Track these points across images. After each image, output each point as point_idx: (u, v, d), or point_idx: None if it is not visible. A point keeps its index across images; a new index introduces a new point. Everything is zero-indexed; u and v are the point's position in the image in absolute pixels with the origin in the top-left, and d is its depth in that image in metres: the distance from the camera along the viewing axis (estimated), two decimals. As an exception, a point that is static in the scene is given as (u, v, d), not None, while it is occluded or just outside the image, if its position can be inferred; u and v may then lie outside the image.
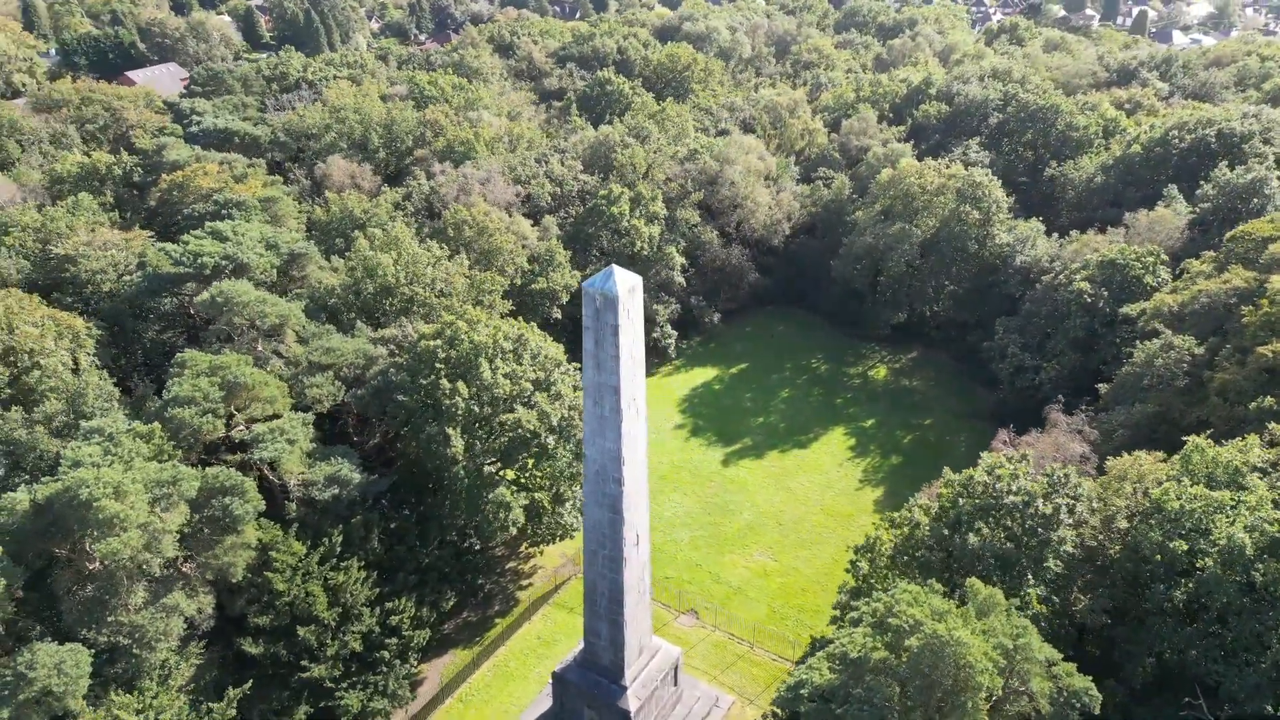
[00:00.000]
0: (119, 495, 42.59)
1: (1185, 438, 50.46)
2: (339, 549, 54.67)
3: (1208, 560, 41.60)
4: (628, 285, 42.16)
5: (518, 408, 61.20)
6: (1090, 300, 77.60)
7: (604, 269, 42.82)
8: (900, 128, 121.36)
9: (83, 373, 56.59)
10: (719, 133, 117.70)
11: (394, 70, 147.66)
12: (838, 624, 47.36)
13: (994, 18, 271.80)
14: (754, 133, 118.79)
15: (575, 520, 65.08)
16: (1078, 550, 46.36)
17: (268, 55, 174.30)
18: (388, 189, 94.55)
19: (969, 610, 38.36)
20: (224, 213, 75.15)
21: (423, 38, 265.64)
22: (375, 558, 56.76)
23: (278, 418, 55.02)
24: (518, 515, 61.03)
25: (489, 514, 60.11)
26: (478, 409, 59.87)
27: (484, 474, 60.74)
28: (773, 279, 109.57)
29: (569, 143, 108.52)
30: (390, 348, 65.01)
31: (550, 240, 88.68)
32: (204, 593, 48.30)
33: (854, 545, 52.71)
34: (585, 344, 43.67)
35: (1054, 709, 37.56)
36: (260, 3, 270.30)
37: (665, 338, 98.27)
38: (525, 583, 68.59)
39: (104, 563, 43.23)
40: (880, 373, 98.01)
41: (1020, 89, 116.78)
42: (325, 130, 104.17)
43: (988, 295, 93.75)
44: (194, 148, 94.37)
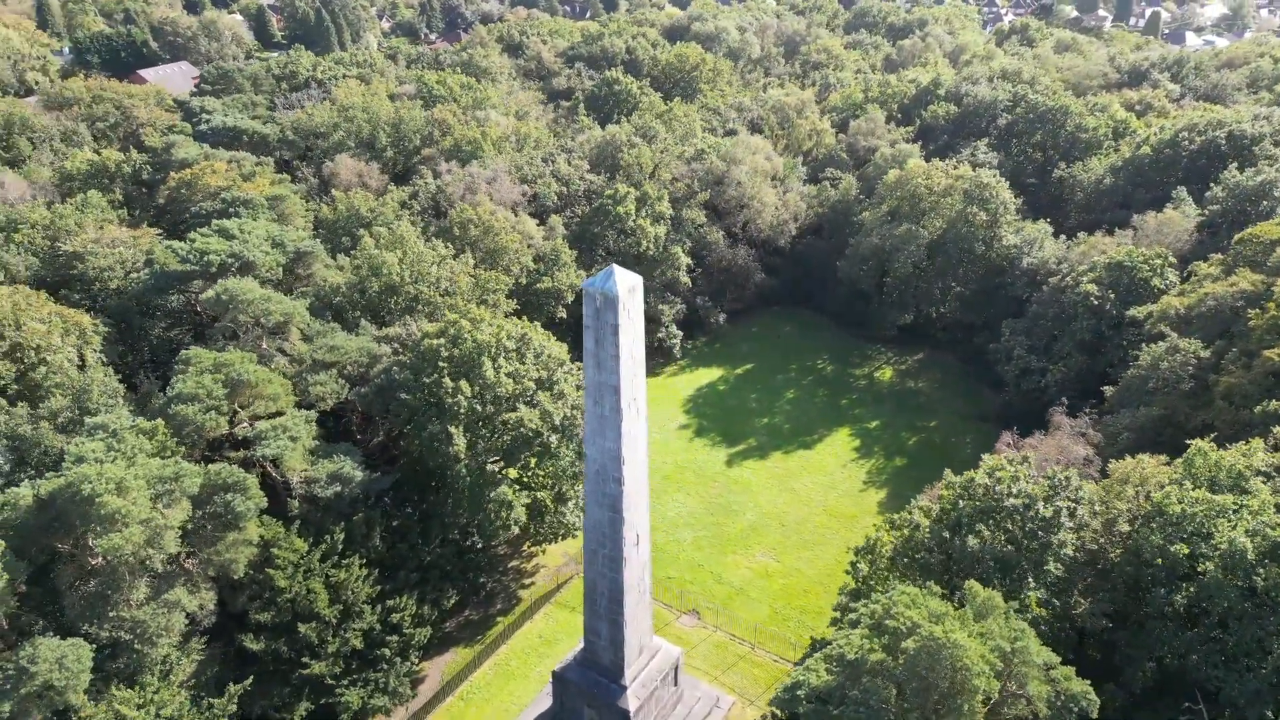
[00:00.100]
0: (121, 491, 42.85)
1: (1190, 441, 50.17)
2: (341, 546, 54.87)
3: (1209, 564, 41.34)
4: (628, 285, 42.17)
5: (520, 407, 61.28)
6: (1097, 302, 77.21)
7: (605, 268, 42.83)
8: (909, 128, 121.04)
9: (88, 369, 56.98)
10: (726, 133, 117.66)
11: (403, 70, 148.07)
12: (837, 625, 47.26)
13: (1006, 18, 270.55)
14: (761, 133, 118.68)
15: (578, 519, 65.07)
16: (1078, 554, 46.17)
17: (278, 54, 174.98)
18: (395, 188, 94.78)
19: (966, 613, 38.22)
20: (231, 211, 75.49)
21: (433, 37, 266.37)
22: (377, 555, 56.91)
23: (281, 415, 55.30)
24: (520, 514, 61.17)
25: (491, 512, 60.25)
26: (480, 408, 59.96)
27: (486, 472, 60.86)
28: (779, 279, 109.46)
29: (576, 142, 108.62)
30: (394, 346, 65.17)
31: (556, 240, 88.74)
32: (206, 589, 48.53)
33: (854, 546, 52.63)
34: (585, 343, 43.72)
35: (1052, 713, 37.36)
36: (272, 2, 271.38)
37: (671, 338, 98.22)
38: (527, 581, 68.71)
39: (106, 558, 43.45)
40: (886, 374, 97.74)
41: (1030, 90, 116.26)
42: (333, 129, 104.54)
43: (994, 297, 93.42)
44: (203, 146, 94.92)
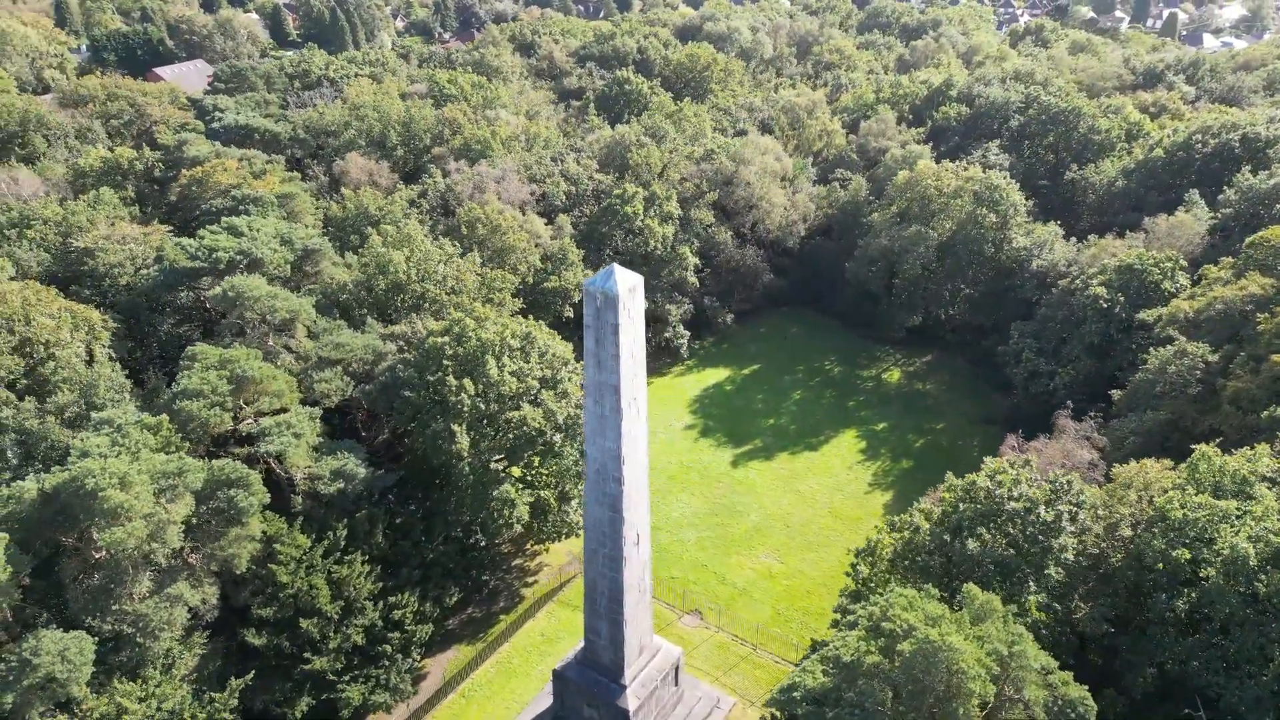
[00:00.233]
0: (124, 486, 43.19)
1: (1196, 446, 49.77)
2: (343, 543, 55.09)
3: (1211, 570, 41.04)
4: (628, 284, 42.16)
5: (524, 405, 61.43)
6: (1107, 306, 76.68)
7: (605, 268, 42.84)
8: (920, 129, 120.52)
9: (96, 364, 57.44)
10: (737, 133, 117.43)
11: (415, 69, 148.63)
12: (837, 627, 47.16)
13: (1021, 19, 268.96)
14: (772, 133, 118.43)
15: (581, 518, 65.11)
16: (1080, 558, 45.89)
17: (292, 53, 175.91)
18: (404, 186, 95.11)
19: (963, 616, 38.06)
20: (241, 208, 76.00)
21: (447, 36, 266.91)
22: (380, 552, 57.10)
23: (285, 412, 55.60)
24: (522, 512, 61.32)
25: (494, 510, 60.43)
26: (484, 406, 60.12)
27: (490, 471, 61.05)
28: (787, 280, 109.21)
29: (585, 142, 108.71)
30: (400, 344, 65.41)
31: (564, 239, 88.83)
32: (208, 583, 48.84)
33: (855, 548, 52.49)
34: (586, 343, 43.73)
35: (1049, 718, 37.15)
36: (288, 1, 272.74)
37: (678, 338, 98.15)
38: (530, 580, 68.86)
39: (109, 552, 43.83)
40: (894, 376, 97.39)
41: (1042, 91, 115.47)
42: (344, 127, 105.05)
43: (1004, 299, 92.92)
44: (214, 144, 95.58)
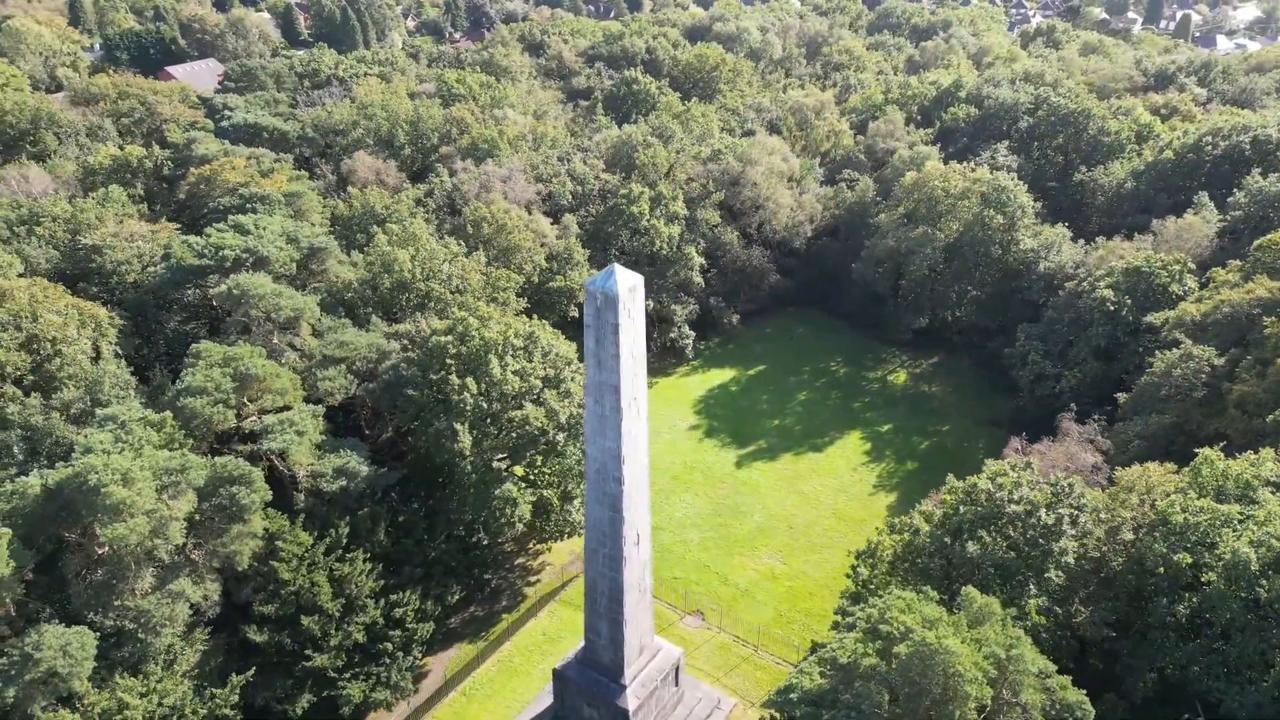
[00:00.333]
0: (127, 482, 43.43)
1: (1200, 450, 49.49)
2: (345, 540, 55.26)
3: (1212, 575, 40.81)
4: (629, 284, 42.17)
5: (526, 404, 61.54)
6: (1114, 308, 76.29)
7: (606, 268, 42.86)
8: (928, 130, 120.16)
9: (102, 361, 57.78)
10: (744, 133, 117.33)
11: (424, 68, 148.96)
12: (837, 629, 47.07)
13: (1033, 20, 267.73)
14: (780, 134, 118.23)
15: (583, 518, 65.15)
16: (1081, 561, 45.68)
17: (303, 52, 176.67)
18: (411, 185, 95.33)
19: (961, 619, 37.94)
20: (248, 206, 76.34)
21: (458, 36, 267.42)
22: (382, 550, 57.27)
23: (289, 409, 55.82)
24: (524, 511, 61.43)
25: (496, 509, 60.53)
26: (486, 405, 60.25)
27: (492, 470, 61.20)
28: (793, 281, 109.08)
29: (592, 142, 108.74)
30: (404, 342, 65.62)
31: (569, 239, 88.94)
32: (210, 580, 49.09)
33: (855, 550, 52.40)
34: (586, 342, 43.77)
35: (1047, 721, 37.05)
36: (299, 0, 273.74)
37: (683, 338, 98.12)
38: (533, 579, 68.97)
39: (112, 547, 44.10)
40: (900, 377, 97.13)
41: (1052, 92, 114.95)
42: (353, 126, 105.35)
43: (1010, 301, 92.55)
44: (223, 142, 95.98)
